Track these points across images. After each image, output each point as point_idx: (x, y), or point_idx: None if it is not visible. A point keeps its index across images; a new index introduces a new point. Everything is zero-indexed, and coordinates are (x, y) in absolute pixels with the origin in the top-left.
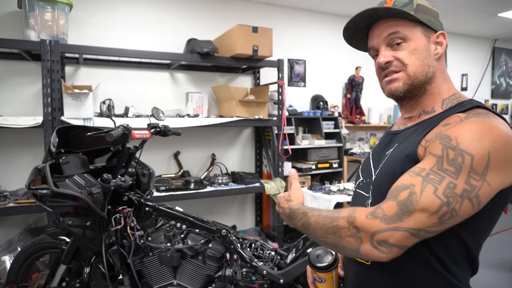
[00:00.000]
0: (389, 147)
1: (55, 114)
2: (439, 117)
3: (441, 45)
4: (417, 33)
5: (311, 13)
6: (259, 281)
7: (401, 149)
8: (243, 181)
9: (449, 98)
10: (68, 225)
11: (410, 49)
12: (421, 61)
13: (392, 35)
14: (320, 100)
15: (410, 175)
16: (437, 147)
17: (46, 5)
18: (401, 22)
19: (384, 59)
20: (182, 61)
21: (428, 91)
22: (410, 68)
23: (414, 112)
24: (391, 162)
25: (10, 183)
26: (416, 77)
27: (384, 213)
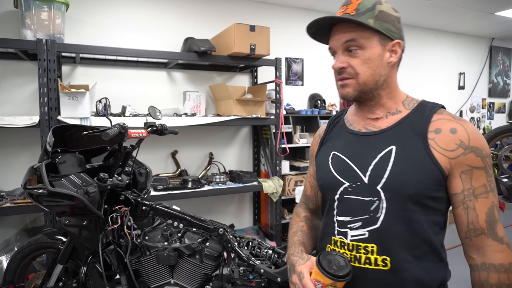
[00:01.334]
0: (377, 149)
1: (52, 114)
2: (416, 117)
3: (395, 53)
4: (373, 42)
5: (309, 12)
6: (257, 279)
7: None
8: (241, 180)
9: (406, 99)
10: (65, 225)
11: (363, 58)
12: (373, 71)
13: (349, 42)
14: (318, 99)
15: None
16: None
17: (43, 5)
18: (360, 29)
19: (338, 65)
20: (179, 60)
21: (385, 96)
22: (361, 77)
23: (380, 113)
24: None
25: (7, 183)
26: (366, 85)
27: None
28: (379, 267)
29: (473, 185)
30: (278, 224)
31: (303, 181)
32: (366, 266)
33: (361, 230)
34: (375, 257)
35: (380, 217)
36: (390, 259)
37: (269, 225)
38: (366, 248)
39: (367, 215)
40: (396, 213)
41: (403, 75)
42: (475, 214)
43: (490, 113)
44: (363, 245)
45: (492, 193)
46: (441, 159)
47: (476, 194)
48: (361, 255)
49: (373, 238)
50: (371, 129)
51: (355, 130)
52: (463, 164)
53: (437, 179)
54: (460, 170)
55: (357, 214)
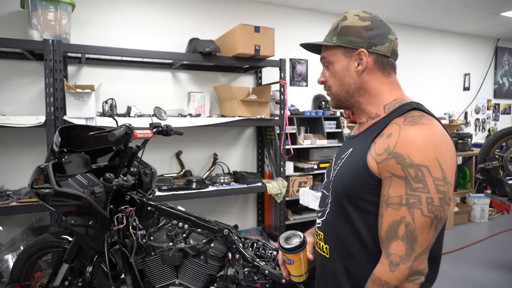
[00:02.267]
0: (345, 150)
1: (58, 114)
2: (382, 122)
3: (361, 61)
4: (338, 56)
5: (313, 13)
6: (261, 280)
7: (354, 154)
8: (245, 180)
9: (390, 103)
10: (71, 224)
11: (332, 72)
12: (340, 82)
13: (322, 60)
14: (322, 100)
15: (393, 208)
16: (396, 168)
17: (49, 5)
18: (327, 48)
19: (319, 79)
20: (184, 60)
21: (364, 102)
22: (333, 88)
23: (363, 118)
24: (345, 166)
25: (13, 182)
26: (338, 94)
27: (399, 255)
28: (324, 254)
29: (388, 192)
30: (282, 225)
31: (307, 182)
32: (318, 250)
33: (319, 219)
34: (322, 244)
35: (327, 210)
36: (329, 248)
37: (273, 226)
38: (320, 235)
39: (323, 207)
40: (335, 209)
41: (407, 76)
42: (381, 222)
43: (496, 114)
44: (318, 232)
45: (406, 209)
46: (371, 162)
47: (389, 203)
48: (318, 240)
49: (322, 227)
50: (356, 132)
51: (349, 135)
52: (384, 169)
53: (366, 181)
54: (383, 175)
55: (321, 205)
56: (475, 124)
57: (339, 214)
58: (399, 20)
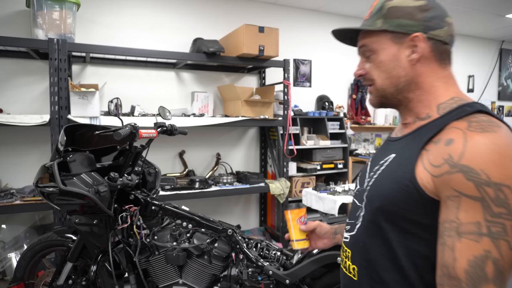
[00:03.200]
0: (384, 155)
1: (62, 113)
2: (434, 124)
3: (416, 48)
4: (385, 43)
5: (318, 14)
6: (265, 281)
7: (397, 162)
8: (247, 181)
9: (446, 102)
10: (75, 223)
11: (376, 63)
12: (387, 74)
13: (362, 48)
14: (326, 101)
15: (471, 239)
16: (466, 185)
17: (54, 4)
18: (369, 34)
19: (357, 72)
20: (188, 60)
21: (414, 99)
22: (377, 82)
23: (410, 119)
24: (385, 175)
25: (17, 180)
26: (384, 89)
27: None
28: (350, 275)
29: (459, 217)
30: (284, 226)
31: (310, 182)
32: (344, 270)
33: (347, 233)
34: (349, 263)
35: (357, 224)
36: (357, 270)
37: (275, 227)
38: (346, 252)
39: (353, 220)
40: (368, 224)
41: None
42: (451, 257)
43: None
44: (345, 248)
45: (490, 240)
46: (422, 175)
47: (461, 232)
48: (344, 258)
49: (350, 243)
50: (398, 135)
51: (390, 136)
52: (447, 186)
53: (412, 198)
54: (445, 193)
55: (351, 217)
56: None
57: (373, 231)
58: None
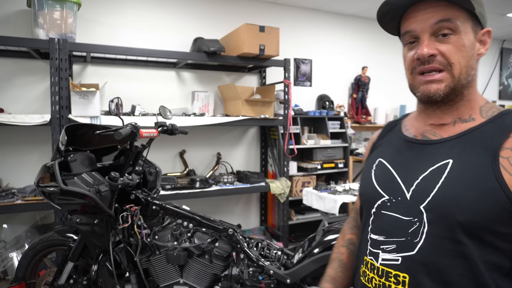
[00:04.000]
0: (430, 161)
1: (63, 112)
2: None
3: (485, 44)
4: (467, 27)
5: (318, 13)
6: (266, 280)
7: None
8: (248, 180)
9: (485, 105)
10: (76, 223)
11: (458, 45)
12: (467, 61)
13: (443, 22)
14: (326, 100)
15: None
16: None
17: (55, 4)
18: (455, 9)
19: (428, 51)
20: (188, 60)
21: (465, 97)
22: (456, 68)
23: (447, 119)
24: (462, 185)
25: (18, 180)
26: (459, 79)
27: None
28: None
29: None
30: (285, 225)
31: (310, 182)
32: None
33: (394, 254)
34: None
35: (418, 243)
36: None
37: (276, 226)
38: (397, 277)
39: (403, 238)
40: (440, 241)
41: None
42: None
43: None
44: (394, 273)
45: None
46: (510, 182)
47: None
48: (391, 284)
49: (406, 266)
50: (429, 137)
51: (410, 137)
52: None
53: (503, 208)
54: None
55: (392, 234)
56: None
57: (449, 250)
58: None
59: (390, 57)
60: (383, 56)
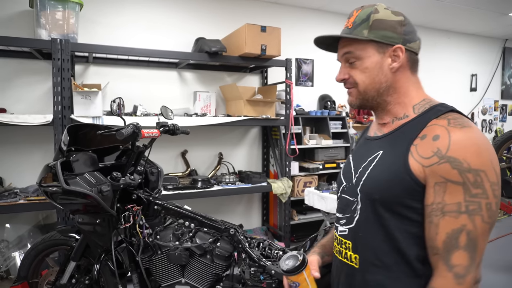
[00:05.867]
0: (370, 153)
1: (65, 112)
2: (415, 122)
3: (397, 58)
4: (370, 51)
5: (320, 13)
6: (267, 280)
7: (388, 157)
8: (250, 180)
9: (419, 103)
10: (78, 223)
11: (361, 68)
12: (371, 79)
13: (347, 54)
14: (328, 100)
15: (452, 216)
16: (451, 173)
17: (57, 4)
18: (355, 41)
19: (339, 77)
20: (190, 60)
21: (392, 101)
22: (361, 86)
23: (387, 119)
24: (380, 170)
25: (21, 180)
26: (366, 93)
27: (464, 265)
28: (352, 264)
29: (444, 199)
30: (286, 225)
31: (312, 182)
32: (345, 260)
33: (344, 226)
34: (350, 253)
35: (355, 217)
36: (359, 258)
37: (278, 226)
38: (346, 244)
39: (349, 214)
40: (367, 215)
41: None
42: (435, 231)
43: (503, 115)
44: (344, 241)
45: (466, 216)
46: (415, 166)
47: (445, 211)
48: (343, 249)
49: (350, 235)
50: (378, 134)
51: (368, 135)
52: (436, 174)
53: (407, 186)
54: (433, 180)
55: (344, 211)
56: (481, 125)
57: (373, 221)
58: None
59: None
60: None
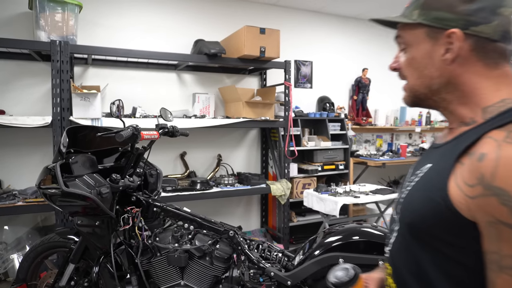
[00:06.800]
0: (423, 164)
1: (64, 114)
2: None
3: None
4: (419, 36)
5: (319, 15)
6: (267, 282)
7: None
8: (249, 182)
9: (494, 105)
10: (77, 225)
11: (409, 58)
12: (419, 73)
13: (398, 39)
14: (327, 102)
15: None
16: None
17: (57, 6)
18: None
19: (391, 66)
20: (189, 62)
21: (454, 101)
22: (409, 81)
23: (454, 123)
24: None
25: (19, 182)
26: (416, 90)
27: None
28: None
29: (501, 248)
30: (285, 227)
31: (311, 183)
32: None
33: (387, 248)
34: (390, 281)
35: (392, 239)
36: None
37: (277, 228)
38: (388, 269)
39: (390, 234)
40: (401, 240)
41: None
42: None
43: None
44: (386, 264)
45: None
46: (456, 194)
47: (502, 266)
48: (387, 276)
49: (389, 259)
50: (442, 141)
51: (435, 142)
52: (484, 210)
53: (442, 216)
54: (484, 218)
55: (391, 230)
56: None
57: (404, 248)
58: None
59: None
60: (383, 57)
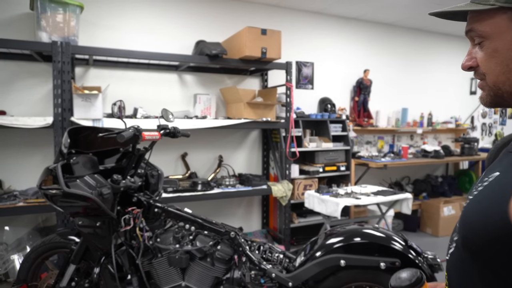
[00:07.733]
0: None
1: (65, 115)
2: None
3: None
4: (501, 24)
5: (320, 16)
6: (268, 284)
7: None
8: (250, 183)
9: None
10: (78, 225)
11: (490, 51)
12: (503, 68)
13: (470, 33)
14: (328, 103)
15: None
16: None
17: (58, 7)
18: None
19: (464, 64)
20: (190, 63)
21: None
22: (489, 77)
23: None
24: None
25: (20, 182)
26: (498, 87)
27: None
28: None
29: None
30: (286, 228)
31: (312, 185)
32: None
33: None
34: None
35: (451, 248)
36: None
37: (278, 229)
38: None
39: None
40: (455, 252)
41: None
42: None
43: (503, 118)
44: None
45: None
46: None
47: None
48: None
49: (447, 267)
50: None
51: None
52: None
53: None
54: None
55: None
56: (481, 129)
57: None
58: (407, 24)
59: (392, 60)
60: (385, 59)
